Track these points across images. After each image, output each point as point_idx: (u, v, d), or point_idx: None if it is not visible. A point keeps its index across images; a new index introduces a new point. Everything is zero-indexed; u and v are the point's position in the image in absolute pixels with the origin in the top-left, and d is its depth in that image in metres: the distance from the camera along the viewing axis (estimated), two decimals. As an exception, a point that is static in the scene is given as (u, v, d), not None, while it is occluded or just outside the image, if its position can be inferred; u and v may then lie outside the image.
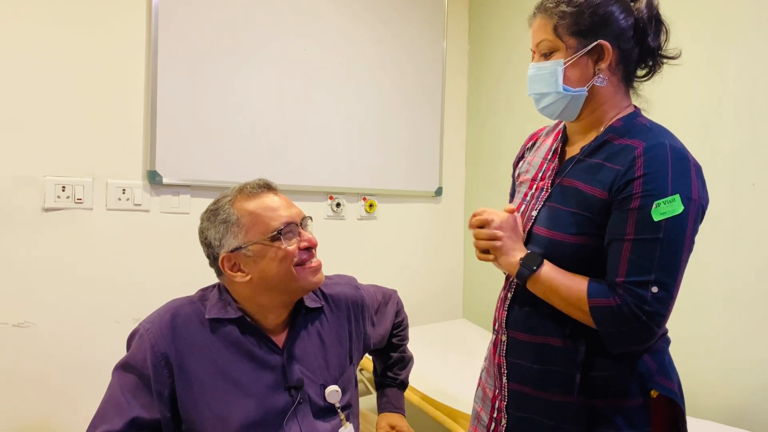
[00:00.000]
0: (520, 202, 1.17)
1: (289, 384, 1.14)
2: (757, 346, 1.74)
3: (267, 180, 1.17)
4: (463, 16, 2.94)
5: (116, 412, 1.04)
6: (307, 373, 1.17)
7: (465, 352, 2.34)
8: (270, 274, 1.10)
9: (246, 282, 1.12)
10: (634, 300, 0.94)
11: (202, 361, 1.10)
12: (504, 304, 1.16)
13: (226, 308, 1.14)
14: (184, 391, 1.08)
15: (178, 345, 1.09)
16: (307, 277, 1.13)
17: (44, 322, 1.85)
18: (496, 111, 2.78)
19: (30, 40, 1.81)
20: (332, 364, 1.23)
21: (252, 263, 1.10)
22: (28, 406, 1.82)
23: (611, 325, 0.96)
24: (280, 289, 1.12)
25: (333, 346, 1.24)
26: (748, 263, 1.75)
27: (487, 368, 1.23)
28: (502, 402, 1.14)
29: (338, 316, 1.28)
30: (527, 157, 1.25)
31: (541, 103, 1.10)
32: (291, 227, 1.12)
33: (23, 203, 1.81)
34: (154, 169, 2.00)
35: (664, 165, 0.96)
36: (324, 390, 1.18)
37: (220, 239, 1.12)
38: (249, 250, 1.09)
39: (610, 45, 1.04)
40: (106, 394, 1.09)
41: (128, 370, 1.08)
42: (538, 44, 1.08)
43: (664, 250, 0.94)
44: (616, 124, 1.07)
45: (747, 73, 1.77)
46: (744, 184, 1.76)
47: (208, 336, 1.12)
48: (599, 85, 1.06)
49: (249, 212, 1.11)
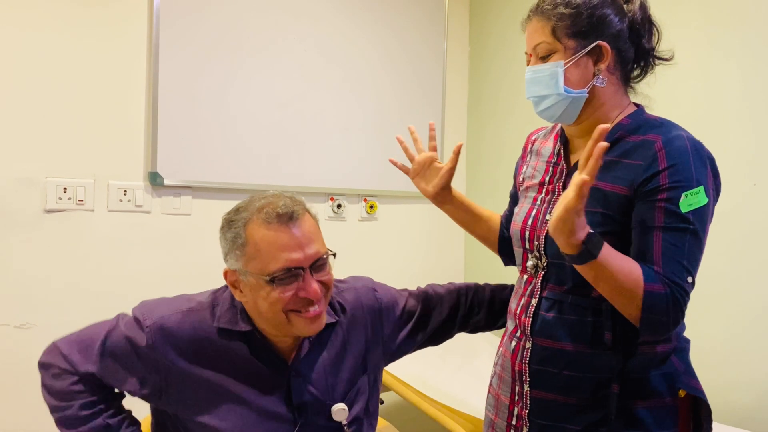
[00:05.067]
0: (530, 207, 1.15)
1: (293, 405, 1.09)
2: (758, 346, 1.74)
3: (291, 208, 1.02)
4: (464, 17, 2.94)
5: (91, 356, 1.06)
6: (314, 392, 1.11)
7: (465, 353, 2.34)
8: (261, 309, 1.02)
9: (245, 303, 1.06)
10: (678, 290, 0.94)
11: (203, 373, 1.06)
12: (527, 310, 1.11)
13: (236, 318, 1.07)
14: (178, 401, 1.06)
15: (180, 356, 1.05)
16: (299, 325, 1.03)
17: (45, 324, 1.85)
18: (496, 112, 2.78)
19: (32, 42, 1.81)
20: (343, 379, 1.15)
21: (248, 290, 1.03)
22: (28, 408, 1.82)
23: (658, 312, 0.94)
24: (273, 326, 1.05)
25: (347, 360, 1.17)
26: (750, 263, 1.75)
27: (500, 375, 1.19)
28: (524, 410, 1.11)
29: (354, 326, 1.19)
30: (530, 161, 1.24)
31: (540, 105, 1.09)
32: (293, 273, 1.00)
33: (25, 204, 1.82)
34: (155, 171, 2.00)
35: (686, 157, 0.97)
36: (330, 409, 1.12)
37: (226, 253, 1.06)
38: (246, 278, 1.02)
39: (608, 46, 1.04)
40: (102, 326, 1.09)
41: (126, 343, 1.06)
42: (535, 47, 1.08)
43: (691, 242, 0.95)
44: (624, 122, 1.07)
45: (748, 73, 1.77)
46: (745, 185, 1.76)
47: (214, 348, 1.06)
48: (599, 85, 1.06)
49: (255, 242, 1.00)
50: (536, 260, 1.11)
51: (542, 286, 1.10)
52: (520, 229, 1.14)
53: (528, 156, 1.26)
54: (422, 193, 1.32)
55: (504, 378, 1.17)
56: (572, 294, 1.06)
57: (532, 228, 1.12)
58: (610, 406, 1.02)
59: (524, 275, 1.15)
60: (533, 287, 1.12)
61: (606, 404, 1.03)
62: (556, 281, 1.08)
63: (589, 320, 1.03)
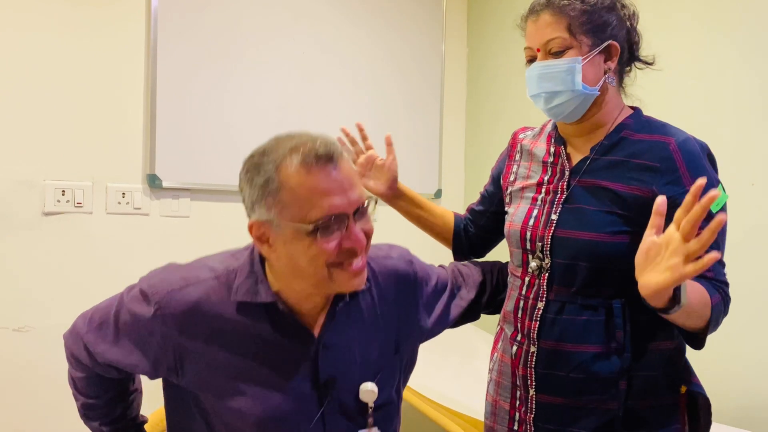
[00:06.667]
0: (530, 207, 1.13)
1: (319, 381, 0.98)
2: (758, 346, 1.74)
3: (330, 148, 0.90)
4: (462, 19, 2.94)
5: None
6: (342, 368, 1.00)
7: (465, 354, 2.33)
8: (299, 264, 0.89)
9: (275, 259, 0.93)
10: (725, 288, 1.00)
11: (221, 353, 0.95)
12: (532, 314, 1.09)
13: (256, 287, 0.95)
14: (194, 383, 0.97)
15: (193, 337, 0.94)
16: (341, 280, 0.91)
17: (44, 327, 1.84)
18: (495, 113, 2.78)
19: (30, 44, 1.81)
20: (373, 357, 1.04)
21: (281, 243, 0.90)
22: (27, 411, 1.82)
23: (719, 319, 0.99)
24: (310, 282, 0.92)
25: (377, 335, 1.05)
26: (748, 263, 1.75)
27: (497, 380, 1.17)
28: (529, 414, 1.09)
29: (387, 298, 1.07)
30: (520, 161, 1.23)
31: (551, 102, 1.07)
32: (337, 220, 0.88)
33: (23, 207, 1.81)
34: (153, 173, 2.00)
35: (701, 159, 1.01)
36: (358, 388, 1.00)
37: (252, 203, 0.92)
38: (280, 229, 0.89)
39: (618, 46, 1.06)
40: (108, 307, 1.04)
41: (131, 320, 0.98)
42: (548, 42, 1.05)
43: (722, 240, 1.00)
44: (627, 122, 1.09)
45: (746, 72, 1.78)
46: (743, 184, 1.76)
47: (232, 325, 0.95)
48: (610, 84, 1.07)
49: (291, 187, 0.87)
50: (540, 261, 1.09)
51: (548, 288, 1.08)
52: (521, 230, 1.13)
53: (517, 156, 1.25)
54: (374, 193, 1.31)
55: (502, 383, 1.16)
56: (581, 295, 1.05)
57: (534, 228, 1.11)
58: (618, 402, 1.02)
59: (525, 276, 1.13)
60: (537, 289, 1.10)
61: (613, 406, 1.03)
62: (562, 282, 1.07)
63: (599, 320, 1.03)
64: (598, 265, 1.02)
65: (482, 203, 1.36)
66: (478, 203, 1.37)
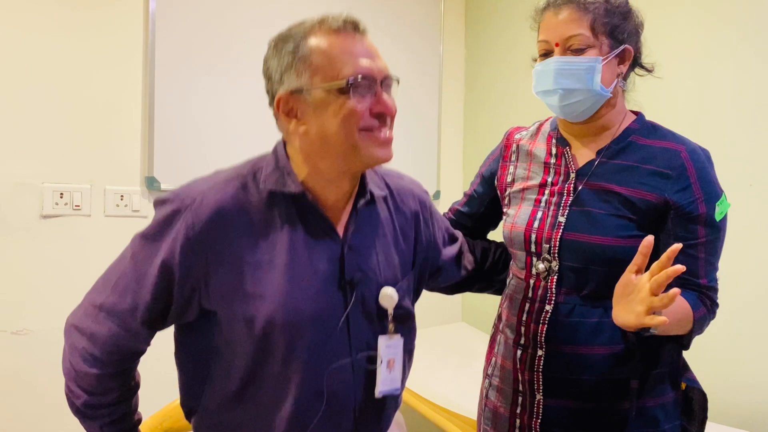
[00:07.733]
0: (534, 209, 1.11)
1: (345, 280, 0.96)
2: (757, 346, 1.74)
3: (356, 18, 0.93)
4: (460, 20, 2.95)
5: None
6: (365, 268, 0.99)
7: (464, 355, 2.33)
8: (329, 132, 0.90)
9: (302, 135, 0.93)
10: (713, 297, 1.05)
11: (249, 245, 0.93)
12: (539, 317, 1.08)
13: (284, 179, 0.95)
14: (219, 288, 0.93)
15: (221, 238, 0.92)
16: (370, 149, 0.91)
17: (42, 330, 1.84)
18: (493, 114, 2.78)
19: (28, 46, 1.81)
20: (393, 263, 1.03)
21: (311, 113, 0.91)
22: (26, 414, 1.81)
23: (703, 326, 1.05)
24: (339, 153, 0.91)
25: (396, 244, 1.05)
26: (747, 264, 1.75)
27: (499, 386, 1.15)
28: (534, 420, 1.08)
29: (404, 213, 1.08)
30: (517, 162, 1.20)
31: (567, 99, 1.04)
32: (368, 81, 0.90)
33: (21, 210, 1.81)
34: (152, 175, 2.00)
35: (708, 167, 1.04)
36: (379, 291, 0.99)
37: (282, 74, 0.93)
38: (311, 96, 0.90)
39: (632, 50, 1.07)
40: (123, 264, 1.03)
41: (154, 245, 0.97)
42: (569, 38, 1.02)
43: (720, 245, 1.05)
44: (633, 126, 1.09)
45: (744, 73, 1.78)
46: (741, 185, 1.76)
47: (261, 213, 0.94)
48: (621, 88, 1.09)
49: (322, 50, 0.89)
50: (548, 264, 1.08)
51: (557, 291, 1.07)
52: (524, 232, 1.11)
53: (512, 156, 1.22)
54: None
55: (504, 390, 1.14)
56: (592, 297, 1.05)
57: (539, 230, 1.09)
58: (631, 402, 1.03)
59: (530, 279, 1.11)
60: (545, 292, 1.08)
61: (625, 406, 1.03)
62: (572, 285, 1.06)
63: (610, 320, 1.01)
64: (611, 269, 1.01)
65: (470, 205, 1.32)
66: (463, 204, 1.33)
